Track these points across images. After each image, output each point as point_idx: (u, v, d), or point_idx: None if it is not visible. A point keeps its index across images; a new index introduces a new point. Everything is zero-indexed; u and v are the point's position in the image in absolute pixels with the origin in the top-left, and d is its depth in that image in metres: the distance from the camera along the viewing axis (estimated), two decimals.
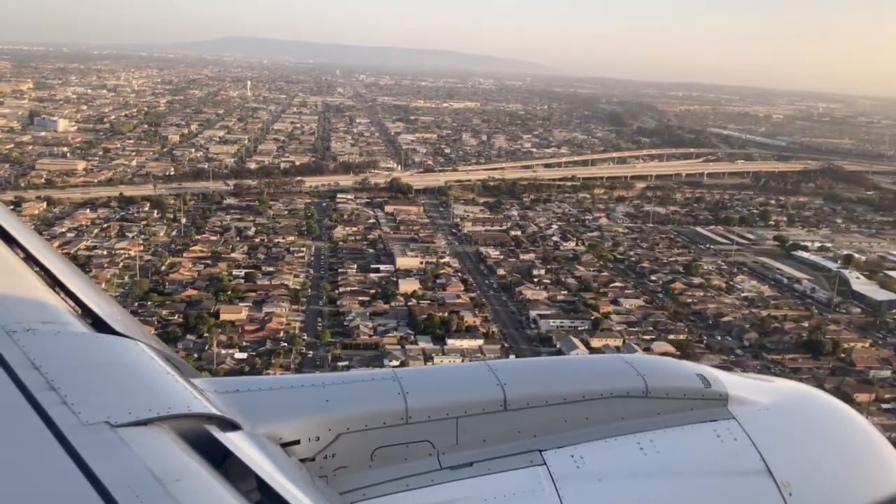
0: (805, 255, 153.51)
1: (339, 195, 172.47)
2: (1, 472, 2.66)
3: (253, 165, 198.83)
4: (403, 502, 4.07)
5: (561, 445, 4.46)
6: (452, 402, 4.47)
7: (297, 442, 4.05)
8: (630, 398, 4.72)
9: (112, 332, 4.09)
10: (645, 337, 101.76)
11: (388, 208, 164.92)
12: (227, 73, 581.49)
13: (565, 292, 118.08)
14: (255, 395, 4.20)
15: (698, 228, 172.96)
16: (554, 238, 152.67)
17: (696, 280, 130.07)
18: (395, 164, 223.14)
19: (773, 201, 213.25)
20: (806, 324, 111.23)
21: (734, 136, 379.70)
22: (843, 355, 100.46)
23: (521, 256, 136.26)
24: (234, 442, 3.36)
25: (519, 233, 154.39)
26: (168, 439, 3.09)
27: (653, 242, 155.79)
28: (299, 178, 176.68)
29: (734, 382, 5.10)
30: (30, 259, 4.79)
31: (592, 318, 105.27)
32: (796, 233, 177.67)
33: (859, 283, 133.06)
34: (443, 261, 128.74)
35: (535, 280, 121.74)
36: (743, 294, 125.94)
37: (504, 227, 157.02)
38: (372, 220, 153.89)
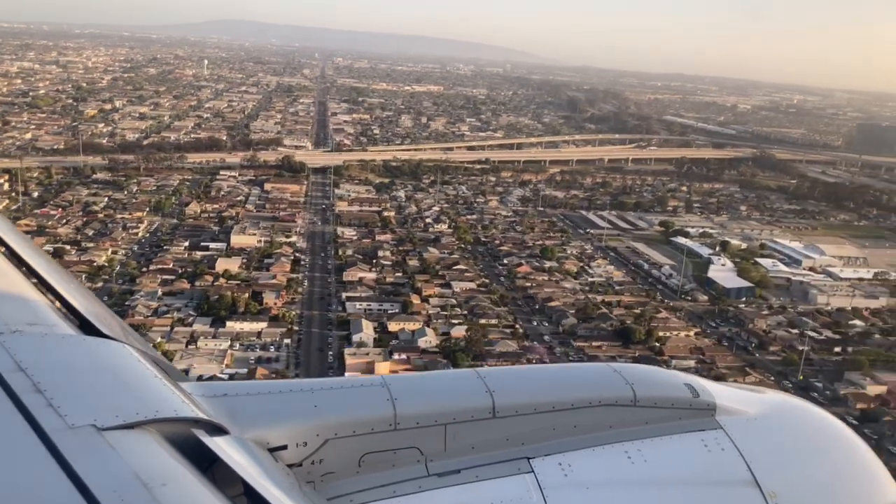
0: (684, 241, 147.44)
1: (222, 172, 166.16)
2: None
3: (152, 140, 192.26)
4: None
5: (549, 453, 4.36)
6: (441, 408, 4.33)
7: (285, 447, 3.92)
8: (618, 407, 4.60)
9: (99, 334, 3.94)
10: (453, 321, 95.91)
11: (268, 186, 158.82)
12: (200, 53, 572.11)
13: (399, 274, 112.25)
14: (242, 400, 4.05)
15: (587, 213, 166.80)
16: (427, 220, 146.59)
17: (549, 264, 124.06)
18: (308, 143, 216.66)
19: (684, 188, 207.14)
20: (639, 310, 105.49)
21: (686, 123, 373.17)
22: (656, 343, 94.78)
23: (378, 237, 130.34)
24: (222, 446, 3.26)
25: (394, 214, 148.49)
26: (155, 443, 3.00)
27: (528, 226, 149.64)
28: (181, 154, 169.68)
29: (722, 393, 4.97)
30: (16, 260, 4.55)
31: (402, 301, 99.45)
32: (690, 219, 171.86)
33: (719, 269, 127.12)
34: (289, 240, 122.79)
35: (374, 262, 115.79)
36: (590, 279, 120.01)
37: (380, 208, 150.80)
38: (241, 198, 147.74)
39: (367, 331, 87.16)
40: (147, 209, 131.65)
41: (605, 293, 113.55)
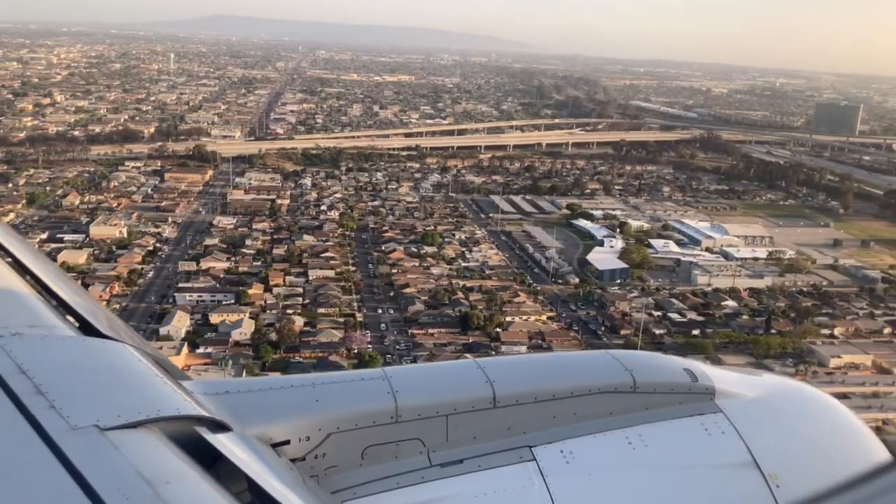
0: (584, 223, 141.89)
1: (126, 163, 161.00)
2: None
3: (75, 133, 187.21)
4: (394, 500, 3.94)
5: (550, 441, 4.33)
6: (442, 399, 4.29)
7: (288, 442, 3.90)
8: (618, 393, 4.57)
9: (99, 335, 3.89)
10: (289, 311, 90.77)
11: (168, 176, 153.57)
12: (181, 48, 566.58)
13: (258, 263, 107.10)
14: (244, 397, 4.02)
15: (498, 197, 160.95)
16: (322, 207, 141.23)
17: (428, 250, 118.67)
18: (238, 133, 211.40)
19: (614, 170, 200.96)
20: (495, 295, 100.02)
21: (650, 108, 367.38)
22: (496, 329, 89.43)
23: (257, 225, 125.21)
24: (225, 443, 3.25)
25: (288, 202, 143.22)
26: (158, 442, 2.97)
27: (427, 212, 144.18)
28: (84, 146, 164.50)
29: (721, 376, 4.93)
30: (15, 262, 4.49)
31: (236, 292, 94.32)
32: (605, 202, 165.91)
33: (601, 252, 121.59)
34: (157, 230, 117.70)
35: (236, 251, 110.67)
36: (464, 265, 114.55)
37: (276, 196, 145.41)
38: (133, 189, 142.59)
39: (178, 323, 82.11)
40: (22, 201, 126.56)
41: (471, 278, 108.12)
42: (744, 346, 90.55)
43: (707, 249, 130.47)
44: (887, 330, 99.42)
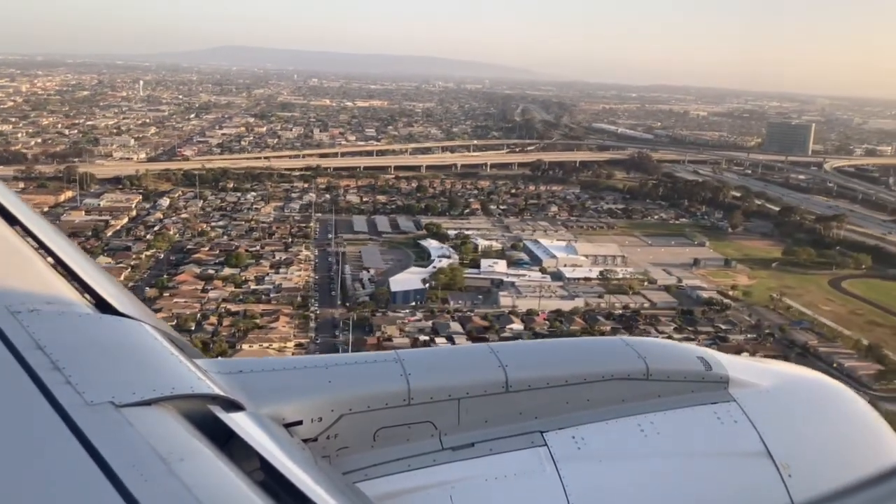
0: (432, 243, 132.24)
1: None
2: (6, 453, 2.54)
3: None
4: (405, 482, 3.89)
5: (562, 427, 4.27)
6: (454, 383, 4.22)
7: (300, 423, 3.86)
8: (631, 380, 4.48)
9: (116, 312, 3.84)
10: None
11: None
12: (173, 77, 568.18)
13: None
14: (258, 376, 3.96)
15: (356, 217, 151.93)
16: (155, 228, 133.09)
17: (228, 271, 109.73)
18: (141, 154, 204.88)
19: (513, 190, 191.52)
20: (263, 320, 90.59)
21: (608, 129, 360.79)
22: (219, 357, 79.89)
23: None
24: (238, 422, 3.21)
25: (124, 222, 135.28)
26: (172, 419, 2.94)
27: (267, 233, 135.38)
28: None
29: (735, 365, 4.84)
30: (32, 240, 4.46)
31: None
32: (475, 222, 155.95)
33: (408, 273, 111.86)
34: None
35: None
36: (254, 287, 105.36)
37: (108, 218, 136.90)
38: None
39: None
40: None
41: (246, 301, 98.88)
42: None
43: (542, 270, 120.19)
44: None
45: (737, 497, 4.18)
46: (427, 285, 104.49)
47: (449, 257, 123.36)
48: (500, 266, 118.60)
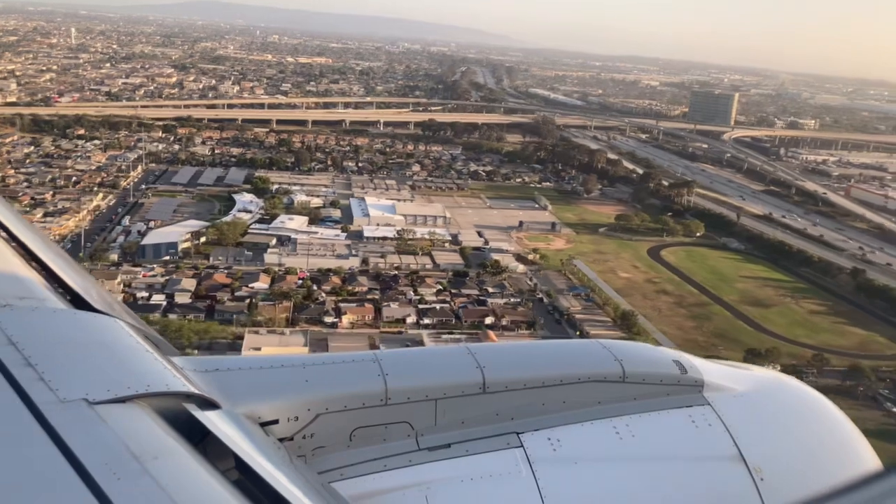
0: (246, 197, 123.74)
1: None
2: None
3: None
4: (381, 483, 3.83)
5: (538, 428, 4.22)
6: (432, 384, 4.17)
7: (276, 422, 3.79)
8: (607, 383, 4.44)
9: (90, 308, 3.75)
10: None
11: None
12: (126, 28, 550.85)
13: None
14: (234, 375, 3.89)
15: (184, 169, 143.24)
16: None
17: None
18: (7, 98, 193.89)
19: (388, 148, 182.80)
20: None
21: (542, 95, 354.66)
22: None
23: None
24: (213, 421, 3.14)
25: None
26: (146, 417, 2.86)
27: (74, 182, 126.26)
28: None
29: (710, 369, 4.81)
30: (5, 233, 4.30)
31: None
32: (315, 178, 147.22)
33: (171, 227, 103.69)
34: None
35: None
36: None
37: None
38: None
39: None
40: None
41: None
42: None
43: (343, 228, 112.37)
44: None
45: (710, 500, 4.11)
46: (185, 239, 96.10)
47: (251, 211, 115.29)
48: (296, 223, 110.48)
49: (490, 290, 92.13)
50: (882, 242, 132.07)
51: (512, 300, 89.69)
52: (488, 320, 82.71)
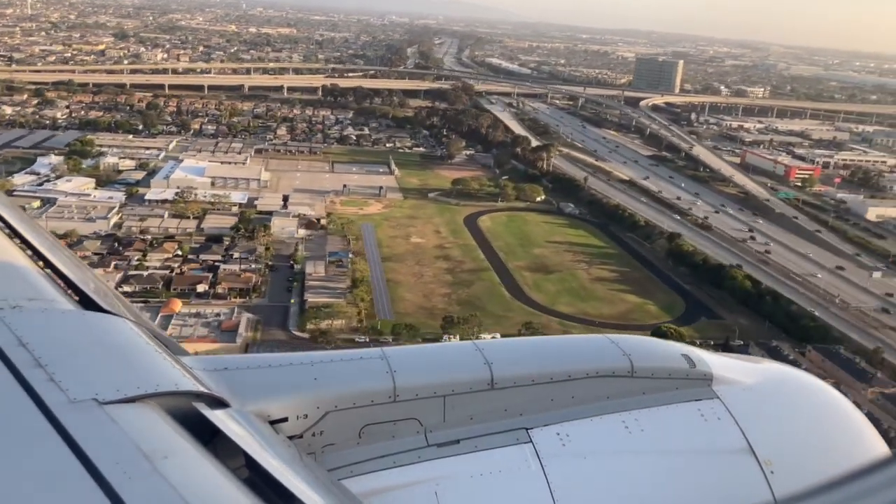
0: (44, 160, 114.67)
1: None
2: None
3: None
4: (391, 479, 3.80)
5: (547, 424, 4.13)
6: (440, 380, 4.09)
7: (286, 419, 3.75)
8: (615, 377, 4.34)
9: (99, 309, 3.68)
10: None
11: None
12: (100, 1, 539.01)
13: None
14: (243, 373, 3.84)
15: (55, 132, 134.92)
16: None
17: None
18: None
19: (269, 113, 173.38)
20: None
21: (495, 64, 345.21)
22: None
23: None
24: (223, 419, 3.09)
25: None
26: (156, 416, 2.81)
27: None
28: None
29: (718, 363, 4.71)
30: (15, 235, 4.19)
31: None
32: (152, 142, 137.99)
33: None
34: None
35: None
36: None
37: None
38: None
39: None
40: None
41: None
42: None
43: (129, 192, 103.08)
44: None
45: (720, 493, 4.05)
46: None
47: (38, 173, 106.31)
48: (74, 184, 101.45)
49: (237, 255, 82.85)
50: (740, 205, 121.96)
51: (254, 266, 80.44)
52: (200, 288, 73.70)
